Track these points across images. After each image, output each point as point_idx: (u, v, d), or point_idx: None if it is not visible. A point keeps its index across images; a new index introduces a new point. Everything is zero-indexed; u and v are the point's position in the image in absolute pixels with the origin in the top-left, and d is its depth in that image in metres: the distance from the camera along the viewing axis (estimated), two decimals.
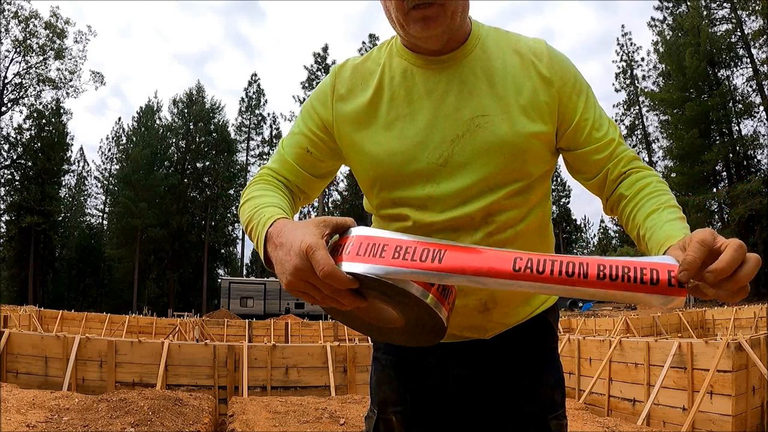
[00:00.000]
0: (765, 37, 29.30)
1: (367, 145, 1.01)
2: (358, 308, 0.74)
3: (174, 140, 48.02)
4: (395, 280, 0.67)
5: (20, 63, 37.49)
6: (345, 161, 1.09)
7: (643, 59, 44.31)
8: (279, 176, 1.08)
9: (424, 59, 1.01)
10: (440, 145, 0.97)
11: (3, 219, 41.18)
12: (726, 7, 32.03)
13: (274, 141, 51.36)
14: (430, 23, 0.92)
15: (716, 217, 32.67)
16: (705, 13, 32.45)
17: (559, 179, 53.46)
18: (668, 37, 35.26)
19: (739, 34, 31.21)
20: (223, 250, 50.82)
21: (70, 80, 39.60)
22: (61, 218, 45.74)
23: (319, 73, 47.21)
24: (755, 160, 31.82)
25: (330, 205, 48.53)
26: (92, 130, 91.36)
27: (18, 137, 39.65)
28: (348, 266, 0.68)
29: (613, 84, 45.81)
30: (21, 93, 38.32)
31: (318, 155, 1.07)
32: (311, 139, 1.06)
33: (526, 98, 0.98)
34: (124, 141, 49.47)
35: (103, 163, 52.83)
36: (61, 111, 41.47)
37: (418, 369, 1.11)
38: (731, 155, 31.39)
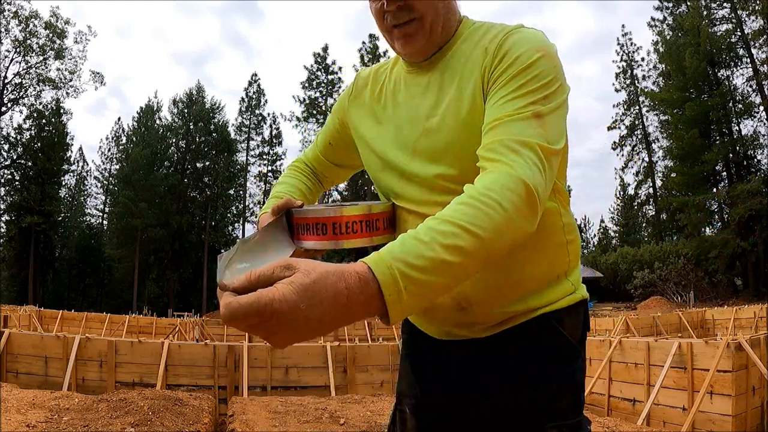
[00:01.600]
0: (765, 37, 29.27)
1: (365, 143, 1.14)
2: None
3: (174, 140, 48.00)
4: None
5: (20, 63, 37.54)
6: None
7: (643, 59, 44.31)
8: (308, 164, 1.32)
9: (410, 65, 1.09)
10: (407, 147, 1.04)
11: (3, 219, 41.23)
12: (726, 7, 32.01)
13: (274, 141, 51.34)
14: (410, 40, 1.00)
15: (716, 217, 32.68)
16: (705, 13, 32.41)
17: None
18: (668, 37, 35.25)
19: (739, 34, 31.18)
20: (223, 250, 50.55)
21: (70, 80, 39.65)
22: (61, 218, 45.74)
23: (319, 73, 47.22)
24: (755, 160, 31.78)
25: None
26: (91, 130, 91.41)
27: (18, 137, 39.67)
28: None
29: (613, 84, 45.84)
30: (21, 93, 38.34)
31: (337, 147, 1.26)
32: (333, 133, 1.25)
33: (469, 91, 0.96)
34: (124, 141, 49.48)
35: (103, 163, 52.87)
36: (61, 111, 41.49)
37: (425, 363, 1.14)
38: (731, 155, 31.35)
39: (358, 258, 0.70)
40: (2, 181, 39.56)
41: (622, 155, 44.03)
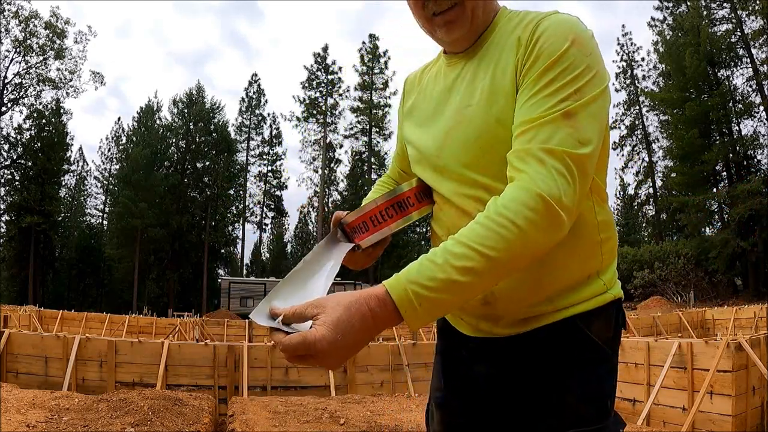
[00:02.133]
0: (765, 37, 29.24)
1: (408, 139, 1.18)
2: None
3: (174, 140, 47.96)
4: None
5: (20, 63, 37.53)
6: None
7: (643, 59, 44.28)
8: (391, 176, 1.38)
9: (448, 57, 1.10)
10: (440, 137, 1.04)
11: (3, 219, 41.20)
12: (726, 7, 31.98)
13: (274, 141, 51.33)
14: (452, 26, 1.00)
15: (716, 217, 32.65)
16: (705, 13, 32.37)
17: None
18: (668, 37, 35.22)
19: (739, 34, 31.15)
20: (223, 250, 50.80)
21: (70, 80, 39.64)
22: (61, 218, 45.71)
23: (319, 73, 47.20)
24: (755, 160, 31.70)
25: (330, 204, 48.54)
26: (90, 130, 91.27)
27: (18, 137, 39.65)
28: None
29: (613, 84, 45.72)
30: (21, 93, 38.33)
31: (406, 156, 1.24)
32: (400, 144, 1.29)
33: (502, 80, 0.95)
34: (124, 141, 49.44)
35: (103, 163, 52.87)
36: (61, 111, 41.46)
37: (453, 359, 1.15)
38: (731, 155, 31.29)
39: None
40: (2, 181, 39.56)
41: (622, 155, 44.02)
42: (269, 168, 50.93)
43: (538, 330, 0.98)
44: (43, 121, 40.25)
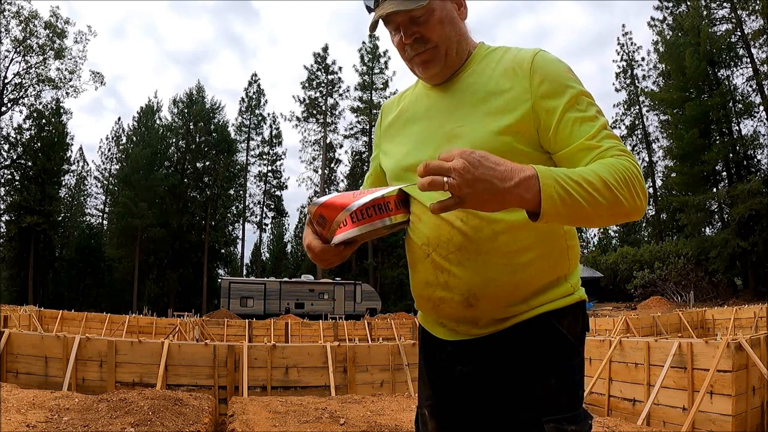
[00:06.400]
0: (765, 37, 29.24)
1: (388, 154, 1.29)
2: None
3: (174, 140, 47.94)
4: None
5: (20, 63, 37.49)
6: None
7: (643, 59, 44.28)
8: None
9: (429, 86, 1.23)
10: (427, 153, 1.15)
11: (3, 219, 41.16)
12: (726, 7, 31.97)
13: (274, 141, 51.31)
14: (428, 65, 1.15)
15: (716, 216, 32.64)
16: (705, 13, 32.36)
17: None
18: (668, 37, 35.20)
19: (739, 34, 31.14)
20: (223, 250, 50.75)
21: (70, 80, 39.61)
22: (61, 218, 45.66)
23: (319, 73, 47.19)
24: (755, 160, 31.70)
25: None
26: (88, 129, 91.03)
27: (18, 137, 39.59)
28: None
29: (613, 84, 45.79)
30: (21, 93, 38.29)
31: (381, 177, 1.35)
32: (375, 164, 1.38)
33: (498, 101, 1.08)
34: (124, 141, 49.40)
35: (103, 163, 52.84)
36: (61, 111, 41.43)
37: (434, 365, 1.23)
38: (731, 155, 31.28)
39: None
40: (2, 181, 39.52)
41: None
42: (269, 168, 50.94)
43: (514, 327, 1.08)
44: (43, 121, 40.21)
